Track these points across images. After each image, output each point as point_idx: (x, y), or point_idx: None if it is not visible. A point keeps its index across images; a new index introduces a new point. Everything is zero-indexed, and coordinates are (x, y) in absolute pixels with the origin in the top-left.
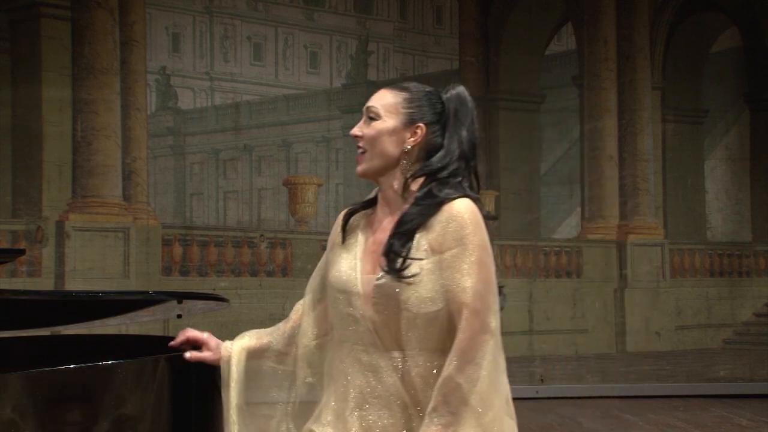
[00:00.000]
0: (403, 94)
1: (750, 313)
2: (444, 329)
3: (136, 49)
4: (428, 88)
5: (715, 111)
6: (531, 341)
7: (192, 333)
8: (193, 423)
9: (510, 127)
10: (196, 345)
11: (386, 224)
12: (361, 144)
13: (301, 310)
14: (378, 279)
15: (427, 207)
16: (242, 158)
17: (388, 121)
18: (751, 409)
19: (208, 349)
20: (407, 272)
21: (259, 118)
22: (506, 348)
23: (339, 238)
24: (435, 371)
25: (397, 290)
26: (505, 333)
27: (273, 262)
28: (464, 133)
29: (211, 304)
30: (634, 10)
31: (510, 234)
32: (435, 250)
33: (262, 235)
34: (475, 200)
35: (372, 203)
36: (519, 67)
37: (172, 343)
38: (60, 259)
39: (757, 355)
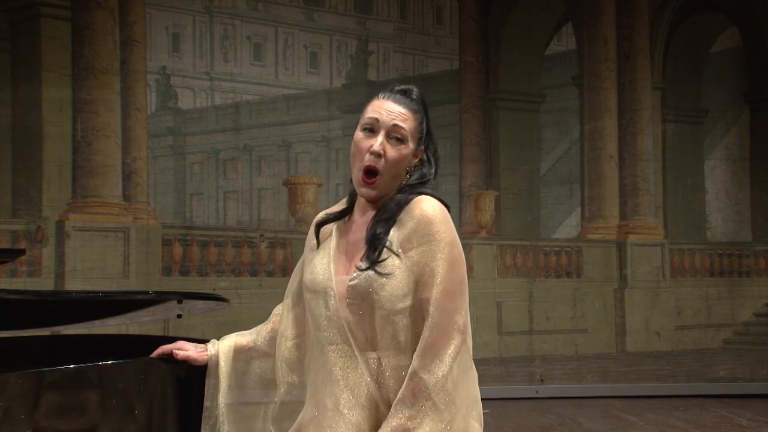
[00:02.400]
0: (418, 117)
1: (750, 313)
2: (416, 328)
3: (136, 49)
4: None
5: (715, 111)
6: (531, 341)
7: (165, 346)
8: (193, 423)
9: (510, 127)
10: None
11: (361, 225)
12: (379, 166)
13: (281, 312)
14: (351, 279)
15: (403, 199)
16: (242, 158)
17: (410, 146)
18: (751, 409)
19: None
20: (382, 268)
21: (259, 118)
22: (506, 348)
23: (313, 242)
24: (404, 372)
25: (370, 289)
26: (505, 333)
27: (273, 262)
28: (434, 140)
29: (211, 304)
30: (634, 10)
31: (510, 234)
32: (404, 248)
33: (262, 235)
34: (441, 200)
35: (345, 212)
36: (519, 67)
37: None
38: (60, 259)
39: (757, 355)
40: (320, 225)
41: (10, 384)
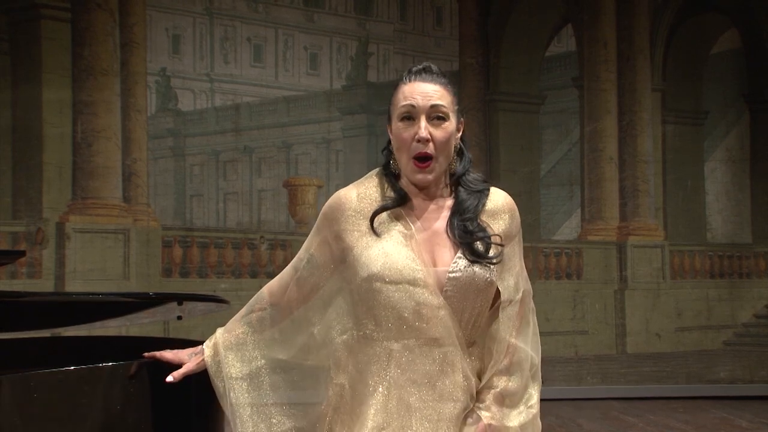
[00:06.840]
0: (450, 89)
1: (750, 314)
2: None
3: (137, 51)
4: None
5: (715, 112)
6: None
7: (157, 353)
8: (193, 423)
9: (510, 128)
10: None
11: (433, 215)
12: (430, 150)
13: (286, 298)
14: (452, 272)
15: (480, 191)
16: (242, 160)
17: (452, 121)
18: (751, 411)
19: (172, 360)
20: (495, 258)
21: (259, 120)
22: None
23: (360, 228)
24: (479, 362)
25: (487, 279)
26: None
27: (273, 264)
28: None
29: (211, 305)
30: (634, 11)
31: None
32: (507, 238)
33: (262, 237)
34: None
35: (402, 201)
36: (519, 69)
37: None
38: (60, 261)
39: (757, 357)
40: (376, 214)
41: (11, 385)
